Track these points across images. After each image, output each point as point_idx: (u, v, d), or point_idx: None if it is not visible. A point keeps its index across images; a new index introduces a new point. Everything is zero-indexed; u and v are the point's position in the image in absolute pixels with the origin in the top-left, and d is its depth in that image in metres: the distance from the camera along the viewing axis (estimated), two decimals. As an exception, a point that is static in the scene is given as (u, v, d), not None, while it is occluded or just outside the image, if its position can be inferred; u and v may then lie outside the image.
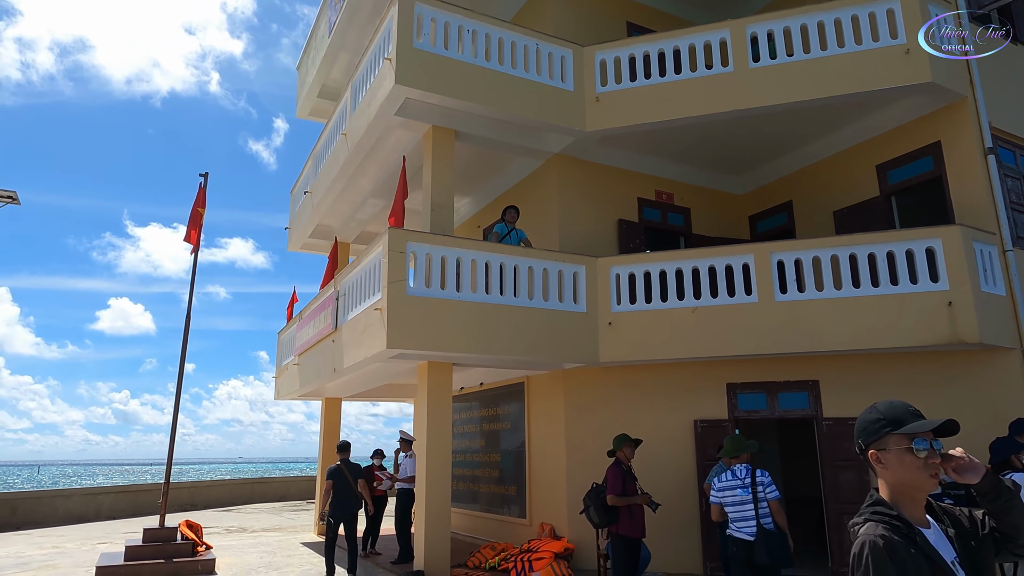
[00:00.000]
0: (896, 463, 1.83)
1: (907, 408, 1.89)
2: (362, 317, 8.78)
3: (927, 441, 1.81)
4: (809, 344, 8.38)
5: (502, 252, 8.89)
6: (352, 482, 8.74)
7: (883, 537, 1.72)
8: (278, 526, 15.11)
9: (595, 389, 9.72)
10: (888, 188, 9.87)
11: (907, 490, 1.83)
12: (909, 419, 1.86)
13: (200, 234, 10.73)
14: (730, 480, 5.61)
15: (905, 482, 1.82)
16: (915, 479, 1.80)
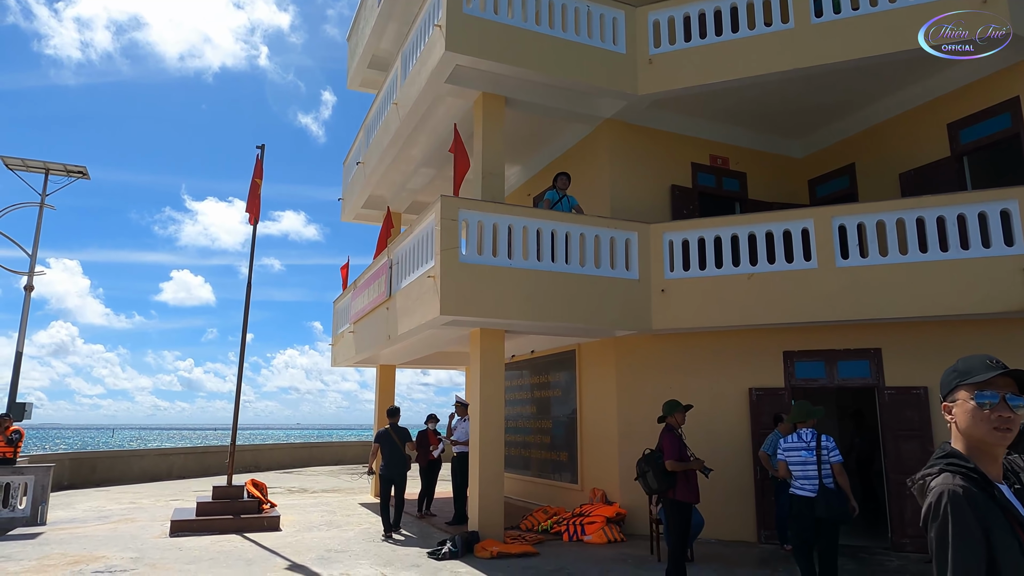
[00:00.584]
0: (962, 415, 1.75)
1: (984, 360, 1.78)
2: (416, 284, 8.92)
3: (993, 393, 1.71)
4: (871, 311, 8.12)
5: (553, 219, 8.86)
6: (400, 444, 9.07)
7: (962, 487, 1.63)
8: (336, 487, 15.67)
9: (647, 357, 9.68)
10: (960, 148, 9.38)
11: (976, 444, 1.73)
12: (981, 370, 1.76)
13: (259, 205, 11.01)
14: (795, 442, 6.02)
15: (972, 436, 1.73)
16: (979, 433, 1.71)
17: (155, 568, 7.24)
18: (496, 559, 7.67)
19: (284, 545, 8.50)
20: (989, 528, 1.58)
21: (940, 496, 1.64)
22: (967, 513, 1.59)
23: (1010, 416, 1.69)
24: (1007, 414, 1.69)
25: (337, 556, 7.86)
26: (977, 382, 1.73)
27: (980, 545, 1.56)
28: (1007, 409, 1.69)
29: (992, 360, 1.78)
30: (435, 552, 7.83)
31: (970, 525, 1.58)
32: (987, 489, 1.64)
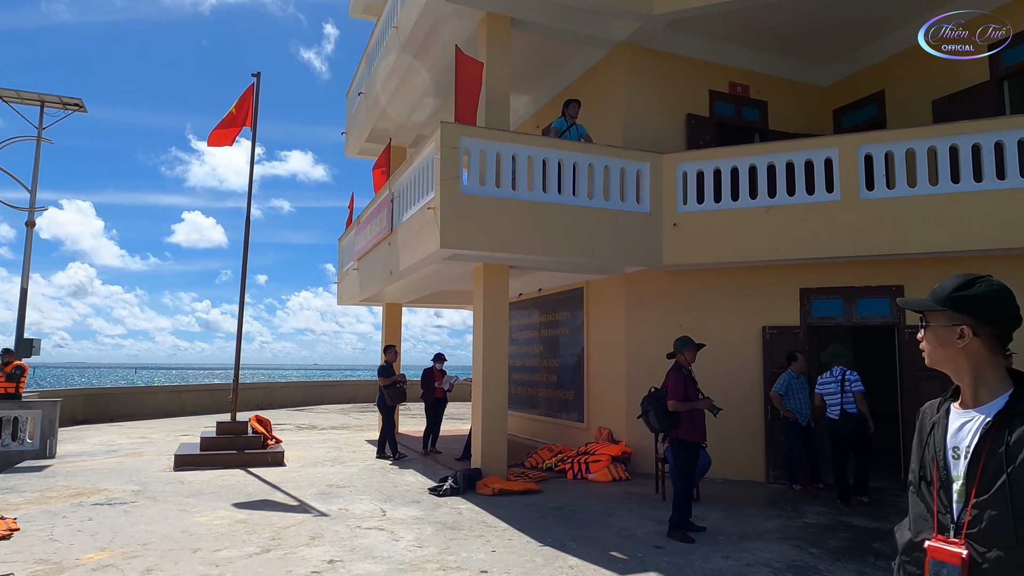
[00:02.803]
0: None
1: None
2: (416, 217, 8.56)
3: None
4: (896, 245, 7.68)
5: (561, 148, 8.38)
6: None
7: (929, 404, 1.78)
8: (345, 424, 15.76)
9: (657, 293, 9.33)
10: (1001, 71, 8.70)
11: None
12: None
13: (235, 134, 10.55)
14: (827, 378, 7.53)
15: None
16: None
17: (155, 500, 7.20)
18: (498, 496, 7.56)
19: (286, 480, 8.46)
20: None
21: None
22: (918, 424, 1.77)
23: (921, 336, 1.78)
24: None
25: (338, 491, 7.80)
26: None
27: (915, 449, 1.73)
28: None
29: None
30: (436, 488, 7.74)
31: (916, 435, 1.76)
32: (943, 408, 1.71)
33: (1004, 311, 1.61)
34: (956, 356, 1.64)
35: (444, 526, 6.22)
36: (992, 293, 1.64)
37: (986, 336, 1.61)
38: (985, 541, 1.45)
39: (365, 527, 6.16)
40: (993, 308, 1.62)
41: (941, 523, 1.56)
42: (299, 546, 5.52)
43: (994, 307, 1.62)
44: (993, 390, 1.59)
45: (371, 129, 13.45)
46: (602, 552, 5.43)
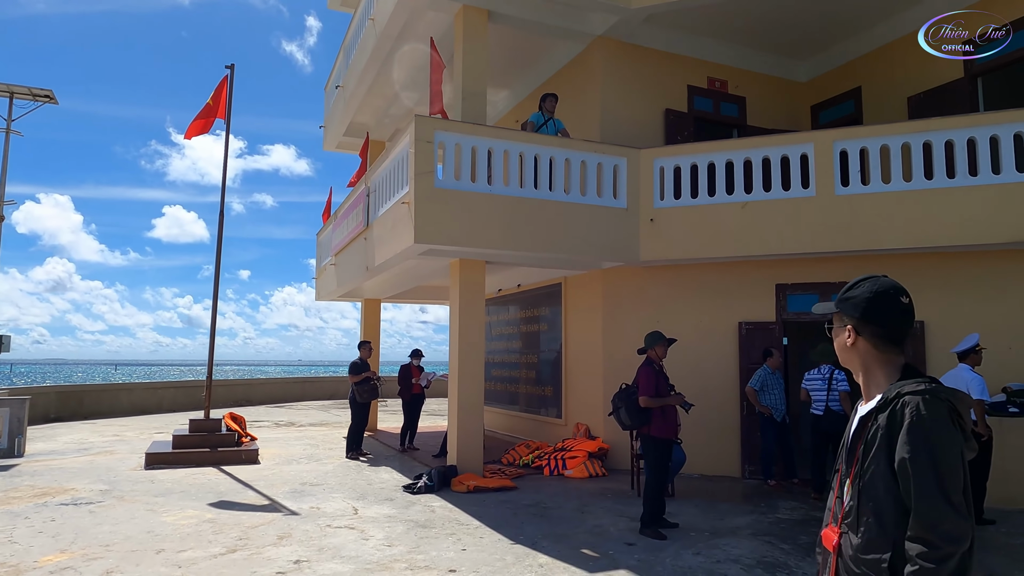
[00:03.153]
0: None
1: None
2: (391, 212, 8.46)
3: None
4: (870, 241, 7.70)
5: (538, 142, 8.31)
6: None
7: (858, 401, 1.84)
8: (324, 421, 15.63)
9: (634, 289, 9.31)
10: (975, 69, 8.75)
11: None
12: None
13: (209, 125, 10.37)
14: (815, 375, 7.65)
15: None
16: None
17: (122, 500, 7.07)
18: (472, 493, 7.50)
19: (259, 478, 8.35)
20: None
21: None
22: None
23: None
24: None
25: (311, 489, 7.70)
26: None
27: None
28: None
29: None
30: (410, 486, 7.67)
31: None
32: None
33: (881, 311, 1.67)
34: (850, 355, 1.74)
35: (416, 524, 6.15)
36: (871, 294, 1.70)
37: (868, 335, 1.68)
38: (853, 528, 1.58)
39: (335, 526, 6.08)
40: (870, 308, 1.68)
41: (835, 513, 1.69)
42: (266, 546, 5.42)
43: (871, 307, 1.68)
44: (880, 387, 1.67)
45: (349, 123, 13.29)
46: (573, 550, 5.39)
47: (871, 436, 1.58)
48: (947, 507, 1.43)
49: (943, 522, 1.43)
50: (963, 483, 1.48)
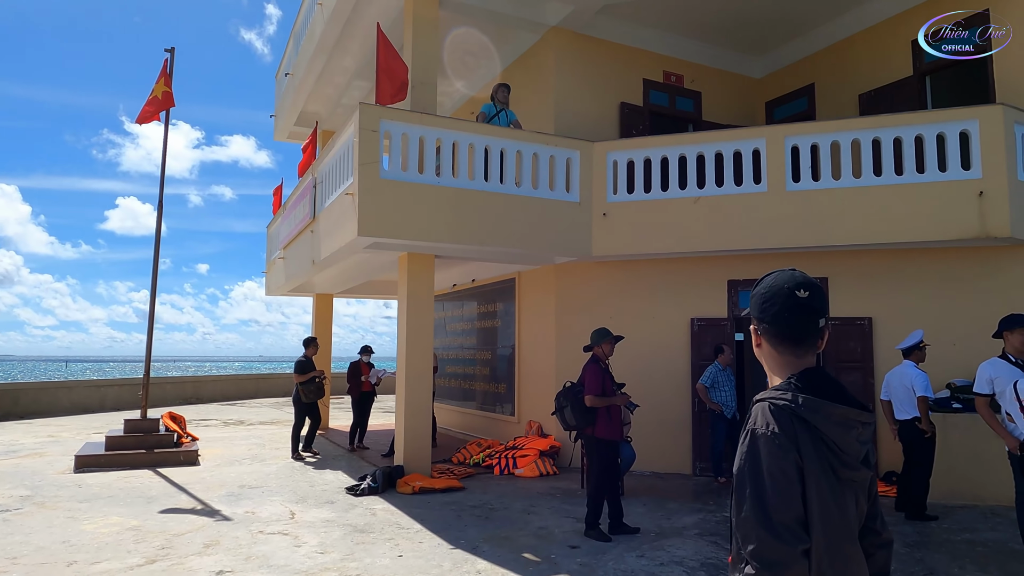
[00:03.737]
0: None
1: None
2: (336, 204, 8.16)
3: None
4: (821, 238, 7.69)
5: (488, 134, 8.09)
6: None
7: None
8: (276, 419, 15.20)
9: (587, 285, 9.17)
10: (924, 67, 8.83)
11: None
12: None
13: (157, 113, 9.89)
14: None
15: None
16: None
17: (42, 507, 6.65)
18: (418, 494, 7.27)
19: (196, 481, 7.98)
20: None
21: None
22: None
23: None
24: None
25: (249, 492, 7.37)
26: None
27: None
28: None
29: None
30: (354, 488, 7.40)
31: None
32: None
33: (772, 308, 1.49)
34: (760, 358, 1.57)
35: (354, 529, 5.90)
36: (764, 289, 1.52)
37: (764, 334, 1.51)
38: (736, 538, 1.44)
39: (268, 532, 5.79)
40: (762, 305, 1.51)
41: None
42: (189, 555, 5.12)
43: (763, 304, 1.51)
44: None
45: (300, 112, 12.89)
46: (514, 554, 5.21)
47: (739, 445, 1.47)
48: (762, 529, 1.27)
49: (757, 544, 1.28)
50: (791, 503, 1.30)
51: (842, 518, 1.35)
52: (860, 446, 1.42)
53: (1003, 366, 5.14)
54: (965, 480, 6.98)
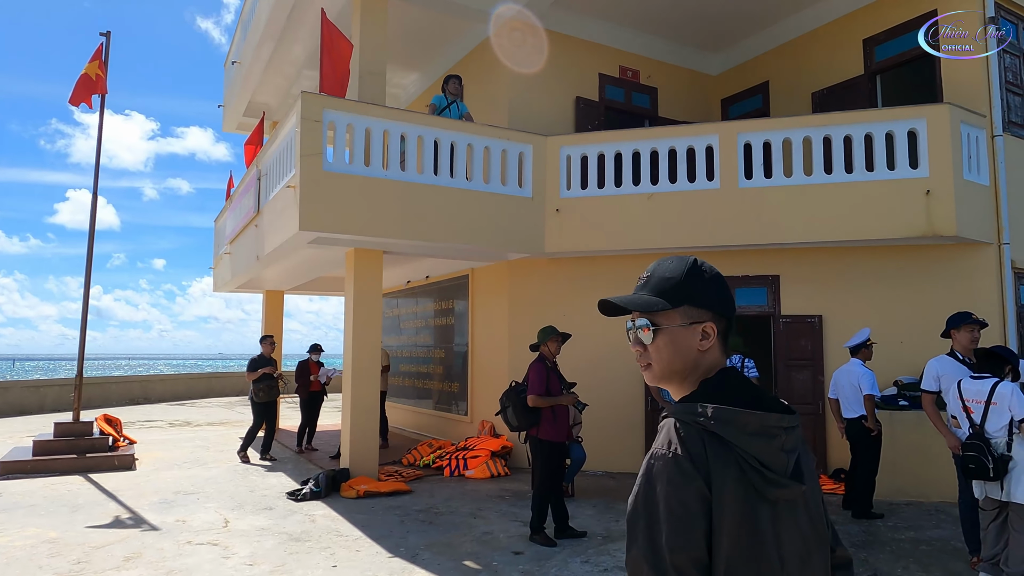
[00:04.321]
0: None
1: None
2: (279, 197, 7.83)
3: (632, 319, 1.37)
4: (773, 235, 7.66)
5: (438, 126, 7.86)
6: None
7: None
8: (225, 420, 14.72)
9: (540, 281, 9.01)
10: (874, 66, 8.87)
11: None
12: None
13: (89, 96, 9.39)
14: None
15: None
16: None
17: (-46, 519, 6.21)
18: (363, 499, 7.02)
19: (129, 487, 7.58)
20: None
21: None
22: None
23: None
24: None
25: (183, 499, 7.02)
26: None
27: None
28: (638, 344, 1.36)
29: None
30: (295, 493, 7.11)
31: None
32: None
33: (720, 291, 1.38)
34: (676, 359, 1.35)
35: (289, 537, 5.63)
36: (699, 271, 1.40)
37: (715, 323, 1.36)
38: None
39: (196, 542, 5.48)
40: (714, 289, 1.38)
41: None
42: (106, 570, 4.79)
43: (715, 288, 1.39)
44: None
45: (248, 102, 12.46)
46: (455, 561, 5.01)
47: None
48: (647, 566, 1.08)
49: None
50: (689, 542, 1.09)
51: (780, 550, 1.13)
52: (785, 456, 1.18)
53: (950, 364, 5.14)
54: (911, 477, 7.02)
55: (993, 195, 7.62)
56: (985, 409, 4.37)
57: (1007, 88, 7.91)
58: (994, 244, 7.54)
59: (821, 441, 7.77)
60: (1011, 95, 7.98)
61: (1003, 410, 4.30)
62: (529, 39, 9.49)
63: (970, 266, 7.56)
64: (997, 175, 7.62)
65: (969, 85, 7.82)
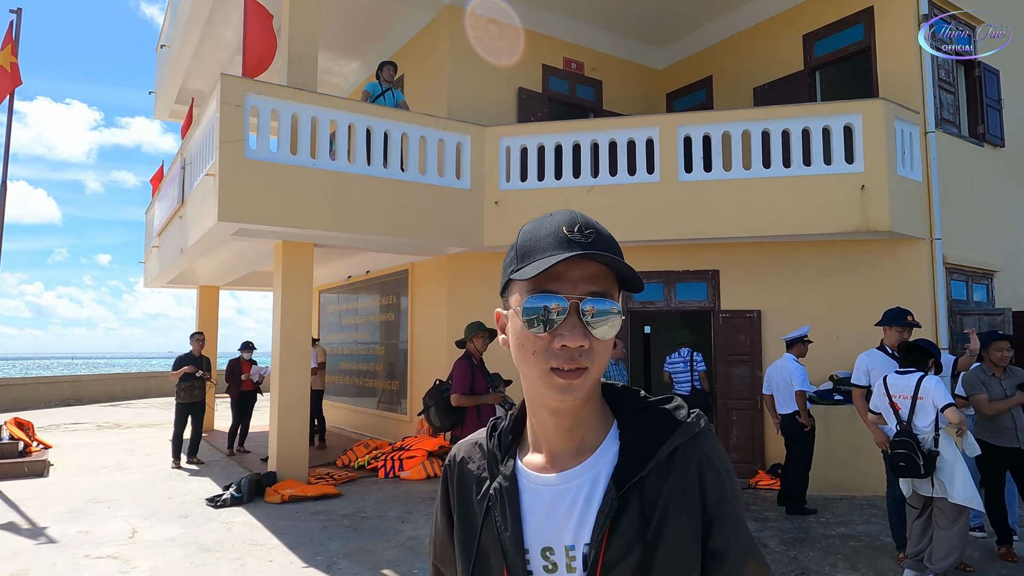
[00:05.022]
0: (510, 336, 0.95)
1: (566, 224, 0.90)
2: (201, 186, 7.41)
3: (547, 301, 0.86)
4: (712, 230, 7.58)
5: (371, 114, 7.55)
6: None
7: (453, 461, 1.06)
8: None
9: (480, 276, 8.78)
10: (814, 61, 8.89)
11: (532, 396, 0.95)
12: (551, 249, 0.88)
13: (9, 86, 8.78)
14: (676, 358, 8.01)
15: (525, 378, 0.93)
16: (530, 377, 0.91)
17: None
18: (288, 504, 6.69)
19: (36, 496, 7.08)
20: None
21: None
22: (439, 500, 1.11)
23: (576, 344, 0.85)
24: (574, 342, 0.85)
25: (93, 508, 6.57)
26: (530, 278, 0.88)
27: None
28: (574, 335, 0.85)
29: (578, 224, 0.90)
30: (214, 499, 6.73)
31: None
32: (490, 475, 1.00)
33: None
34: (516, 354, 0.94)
35: (200, 548, 5.28)
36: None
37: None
38: None
39: (96, 555, 5.09)
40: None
41: None
42: (-14, 590, 4.39)
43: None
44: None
45: (179, 88, 11.89)
46: (374, 570, 4.75)
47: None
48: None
49: None
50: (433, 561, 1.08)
51: None
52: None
53: (880, 357, 5.11)
54: (845, 471, 7.03)
55: (926, 191, 7.69)
56: (912, 404, 4.32)
57: (940, 86, 8.00)
58: (926, 240, 7.61)
59: (759, 437, 7.74)
60: (944, 92, 8.08)
61: (929, 404, 4.26)
62: (471, 27, 9.23)
63: (904, 261, 7.62)
64: (930, 171, 7.69)
65: (903, 82, 7.87)
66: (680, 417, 0.92)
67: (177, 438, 8.87)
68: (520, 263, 0.90)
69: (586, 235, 0.88)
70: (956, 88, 8.34)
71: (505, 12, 9.44)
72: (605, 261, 0.86)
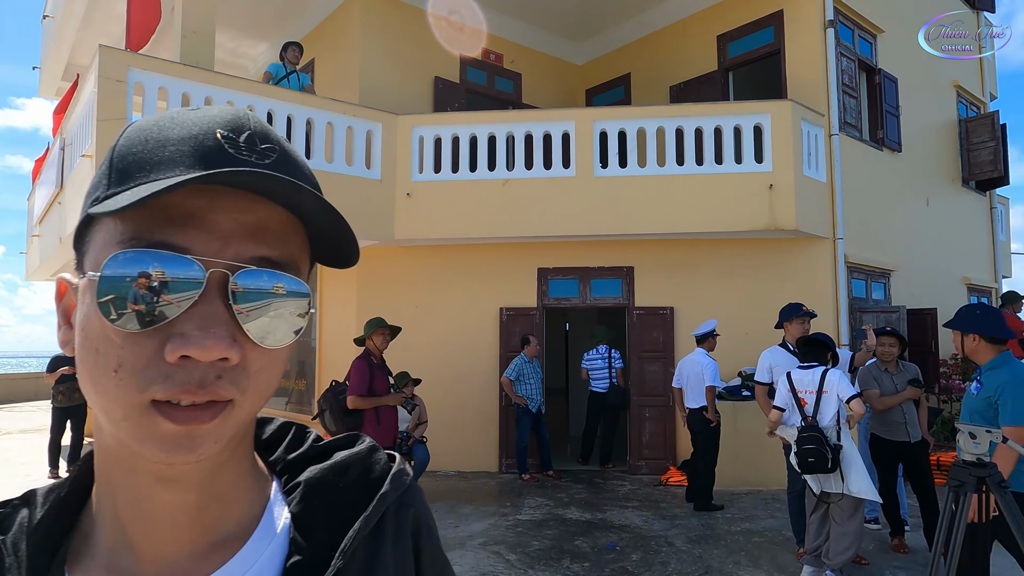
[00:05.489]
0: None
1: (226, 126, 0.51)
2: (80, 169, 6.76)
3: (154, 263, 0.47)
4: (627, 226, 7.55)
5: (273, 96, 7.08)
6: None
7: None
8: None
9: (392, 271, 8.43)
10: (727, 62, 9.03)
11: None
12: (183, 164, 0.49)
13: None
14: (595, 355, 8.23)
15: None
16: (110, 413, 0.51)
17: None
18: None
19: None
20: None
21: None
22: None
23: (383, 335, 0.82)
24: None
25: (-56, 526, 5.85)
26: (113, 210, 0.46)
27: None
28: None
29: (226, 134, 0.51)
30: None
31: None
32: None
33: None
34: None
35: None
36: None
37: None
38: None
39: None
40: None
41: None
42: None
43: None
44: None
45: (65, 64, 10.93)
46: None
47: None
48: None
49: None
50: None
51: None
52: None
53: (782, 354, 5.14)
54: (752, 466, 7.13)
55: (830, 192, 7.92)
56: (817, 399, 4.34)
57: (843, 90, 8.26)
58: (830, 239, 7.83)
59: (671, 433, 7.77)
60: (847, 97, 8.34)
61: (833, 397, 4.29)
62: (384, 12, 8.86)
63: (808, 259, 7.82)
64: (833, 172, 7.92)
65: (810, 86, 8.07)
66: (380, 465, 0.65)
67: (54, 445, 8.11)
68: (116, 184, 0.50)
69: (261, 151, 0.52)
70: (859, 93, 8.64)
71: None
72: (290, 194, 0.49)
